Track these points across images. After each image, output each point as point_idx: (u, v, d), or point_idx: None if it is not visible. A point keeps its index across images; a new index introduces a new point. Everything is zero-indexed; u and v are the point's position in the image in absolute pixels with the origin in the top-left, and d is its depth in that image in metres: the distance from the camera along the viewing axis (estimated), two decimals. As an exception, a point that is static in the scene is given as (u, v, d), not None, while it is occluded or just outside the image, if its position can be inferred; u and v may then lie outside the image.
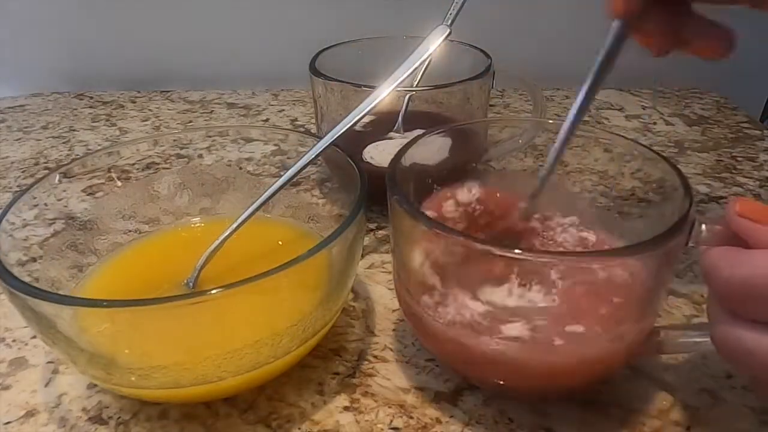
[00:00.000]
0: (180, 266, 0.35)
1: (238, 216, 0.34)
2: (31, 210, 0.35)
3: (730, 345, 0.24)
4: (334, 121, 0.44)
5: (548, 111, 0.67)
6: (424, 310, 0.31)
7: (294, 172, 0.34)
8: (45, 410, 0.32)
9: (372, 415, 0.32)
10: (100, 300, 0.26)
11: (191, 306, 0.26)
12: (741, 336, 0.23)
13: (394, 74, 0.35)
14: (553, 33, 0.72)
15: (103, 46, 0.75)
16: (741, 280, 0.23)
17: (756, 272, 0.22)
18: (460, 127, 0.42)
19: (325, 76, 0.47)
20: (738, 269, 0.23)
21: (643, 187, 0.33)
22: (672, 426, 0.31)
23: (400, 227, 0.30)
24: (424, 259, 0.31)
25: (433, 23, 0.37)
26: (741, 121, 0.67)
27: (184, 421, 0.31)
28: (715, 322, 0.25)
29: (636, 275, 0.29)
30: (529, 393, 0.33)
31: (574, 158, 0.36)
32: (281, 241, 0.39)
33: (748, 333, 0.23)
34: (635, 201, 0.34)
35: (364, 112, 0.34)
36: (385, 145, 0.49)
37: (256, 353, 0.29)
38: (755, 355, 0.23)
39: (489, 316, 0.29)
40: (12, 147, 0.62)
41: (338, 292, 0.32)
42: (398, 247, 0.32)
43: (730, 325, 0.24)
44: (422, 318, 0.31)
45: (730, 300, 0.24)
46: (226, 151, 0.43)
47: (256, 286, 0.26)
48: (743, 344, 0.23)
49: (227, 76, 0.76)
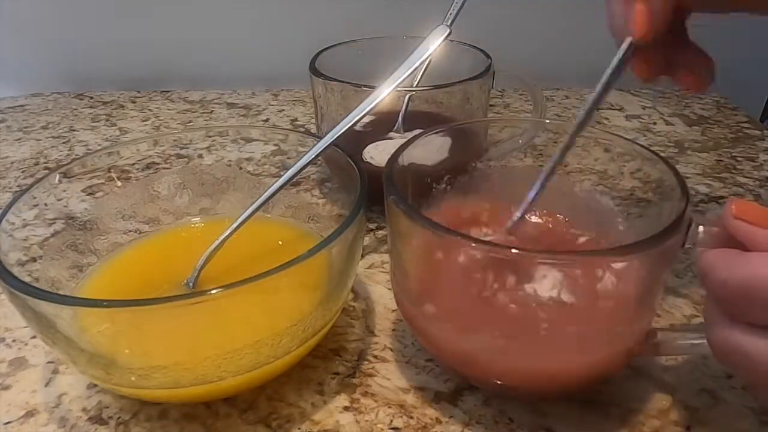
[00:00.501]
0: (180, 266, 0.35)
1: (238, 216, 0.34)
2: (31, 210, 0.35)
3: (727, 348, 0.24)
4: (334, 121, 0.44)
5: (548, 111, 0.67)
6: (421, 311, 0.31)
7: (294, 172, 0.34)
8: (45, 410, 0.32)
9: (372, 415, 0.32)
10: (100, 300, 0.26)
11: (191, 306, 0.26)
12: (737, 339, 0.23)
13: (394, 74, 0.35)
14: (553, 33, 0.72)
15: (103, 46, 0.75)
16: (737, 283, 0.23)
17: (753, 275, 0.22)
18: (460, 126, 0.42)
19: (325, 76, 0.47)
20: (735, 271, 0.23)
21: (642, 187, 0.33)
22: (672, 426, 0.31)
23: (397, 228, 0.30)
24: (421, 259, 0.31)
25: (433, 23, 0.37)
26: (741, 121, 0.67)
27: (184, 421, 0.31)
28: (712, 324, 0.25)
29: (632, 275, 0.29)
30: (528, 393, 0.33)
31: (574, 158, 0.36)
32: (281, 241, 0.39)
33: (744, 336, 0.23)
34: (634, 201, 0.34)
35: (364, 112, 0.34)
36: (385, 145, 0.49)
37: (256, 353, 0.29)
38: (751, 359, 0.23)
39: (486, 317, 0.29)
40: (12, 147, 0.62)
41: (338, 292, 0.32)
42: (395, 247, 0.32)
43: (727, 327, 0.24)
44: (419, 319, 0.31)
45: (726, 302, 0.24)
46: (226, 151, 0.43)
47: (256, 286, 0.26)
48: (739, 347, 0.23)
49: (227, 76, 0.76)
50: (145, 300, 0.26)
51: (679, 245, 0.27)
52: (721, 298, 0.24)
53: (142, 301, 0.26)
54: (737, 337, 0.23)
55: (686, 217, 0.26)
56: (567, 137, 0.30)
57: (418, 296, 0.31)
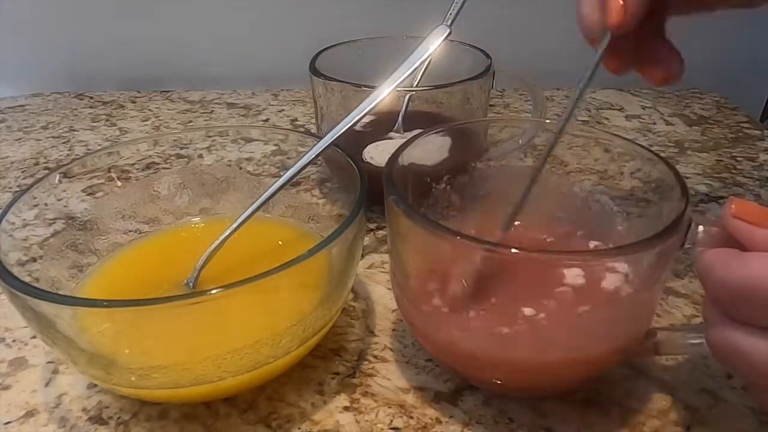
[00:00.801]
0: (180, 266, 0.35)
1: (238, 216, 0.34)
2: (31, 210, 0.35)
3: (726, 348, 0.24)
4: (334, 121, 0.44)
5: (548, 111, 0.67)
6: (421, 311, 0.31)
7: (294, 172, 0.34)
8: (45, 410, 0.32)
9: (372, 415, 0.32)
10: (100, 300, 0.26)
11: (191, 306, 0.26)
12: (736, 339, 0.23)
13: (393, 74, 0.35)
14: (553, 33, 0.72)
15: (103, 46, 0.75)
16: (736, 283, 0.22)
17: (752, 275, 0.22)
18: (459, 126, 0.42)
19: (325, 76, 0.47)
20: (734, 271, 0.23)
21: (642, 187, 0.33)
22: (672, 426, 0.31)
23: (397, 228, 0.30)
24: (420, 259, 0.31)
25: (433, 23, 0.37)
26: (741, 121, 0.67)
27: (184, 421, 0.31)
28: (711, 324, 0.25)
29: (632, 275, 0.29)
30: (527, 392, 0.33)
31: (574, 158, 0.36)
32: (281, 241, 0.39)
33: (743, 336, 0.23)
34: (634, 201, 0.34)
35: (364, 112, 0.34)
36: (385, 145, 0.49)
37: (256, 353, 0.29)
38: (750, 359, 0.23)
39: (486, 316, 0.29)
40: (12, 147, 0.62)
41: (338, 292, 0.32)
42: (395, 247, 0.32)
43: (726, 328, 0.24)
44: (419, 319, 0.31)
45: (725, 302, 0.24)
46: (226, 151, 0.43)
47: (256, 286, 0.26)
48: (738, 347, 0.23)
49: (227, 76, 0.76)
50: (145, 300, 0.26)
51: (678, 245, 0.27)
52: (720, 299, 0.24)
53: (142, 301, 0.26)
54: (736, 337, 0.23)
55: (686, 218, 0.26)
56: (553, 136, 0.30)
57: (418, 296, 0.31)
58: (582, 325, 0.29)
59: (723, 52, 0.74)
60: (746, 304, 0.22)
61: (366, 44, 0.54)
